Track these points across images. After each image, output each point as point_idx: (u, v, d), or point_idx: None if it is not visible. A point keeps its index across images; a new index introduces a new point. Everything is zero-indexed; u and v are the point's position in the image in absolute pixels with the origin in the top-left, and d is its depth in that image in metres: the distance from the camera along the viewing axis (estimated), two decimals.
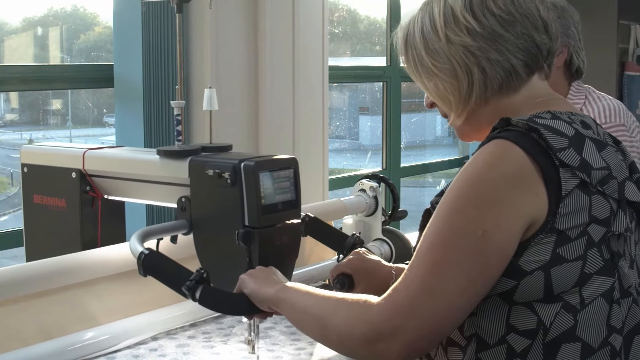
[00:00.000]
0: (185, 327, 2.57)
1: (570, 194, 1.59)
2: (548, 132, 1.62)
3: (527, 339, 1.63)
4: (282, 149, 3.77)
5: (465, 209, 1.58)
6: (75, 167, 2.58)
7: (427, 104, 1.93)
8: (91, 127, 6.98)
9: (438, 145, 11.18)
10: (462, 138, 1.91)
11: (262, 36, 3.74)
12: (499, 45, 1.72)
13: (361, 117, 9.97)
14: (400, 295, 1.58)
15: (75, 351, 2.29)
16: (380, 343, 1.57)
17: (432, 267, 1.57)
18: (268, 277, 1.92)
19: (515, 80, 1.75)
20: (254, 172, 2.11)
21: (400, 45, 1.86)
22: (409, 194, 9.34)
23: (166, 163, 2.35)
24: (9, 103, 7.15)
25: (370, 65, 6.74)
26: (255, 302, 1.89)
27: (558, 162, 1.59)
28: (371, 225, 3.28)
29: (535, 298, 1.62)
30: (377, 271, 2.20)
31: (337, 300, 1.70)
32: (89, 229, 2.62)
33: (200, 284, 1.92)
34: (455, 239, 1.57)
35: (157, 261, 2.01)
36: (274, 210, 2.15)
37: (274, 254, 2.15)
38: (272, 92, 3.78)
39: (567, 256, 1.60)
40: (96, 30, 6.03)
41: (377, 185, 3.27)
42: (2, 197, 7.39)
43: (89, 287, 2.43)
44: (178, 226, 2.27)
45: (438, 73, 1.77)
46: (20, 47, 5.95)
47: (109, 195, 2.61)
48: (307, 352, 2.34)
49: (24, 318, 2.28)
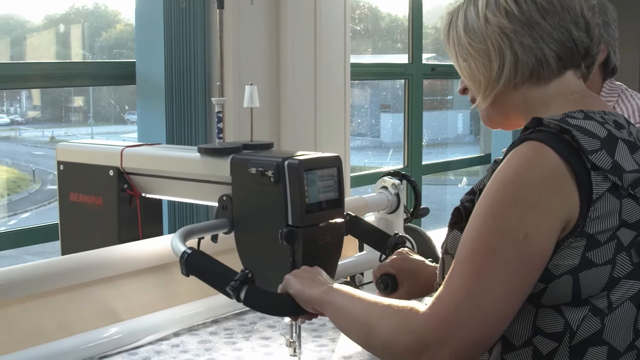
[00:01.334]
0: (207, 323, 2.57)
1: (601, 197, 1.57)
2: (580, 133, 1.60)
3: (554, 342, 1.62)
4: (303, 147, 3.76)
5: (503, 213, 1.56)
6: (113, 164, 2.59)
7: (460, 90, 1.93)
8: (113, 124, 6.99)
9: (460, 143, 11.14)
10: (487, 123, 1.90)
11: (284, 33, 3.74)
12: (533, 32, 1.71)
13: (382, 115, 9.94)
14: (444, 304, 1.56)
15: (97, 347, 2.29)
16: (426, 353, 1.55)
17: (475, 273, 1.55)
18: (314, 277, 1.91)
19: (546, 71, 1.74)
20: (297, 170, 2.09)
21: (444, 26, 1.86)
22: (431, 191, 9.31)
23: (207, 161, 2.34)
24: (31, 100, 7.17)
25: (392, 62, 6.73)
26: (300, 303, 1.88)
27: (590, 164, 1.57)
28: (393, 223, 3.27)
29: (563, 301, 1.60)
30: (421, 271, 2.18)
31: (383, 306, 1.67)
32: (126, 228, 2.63)
33: (245, 285, 1.90)
34: (497, 243, 1.55)
35: (200, 261, 1.99)
36: (317, 209, 2.14)
37: (318, 254, 2.14)
38: (294, 90, 3.78)
39: (596, 260, 1.58)
40: (118, 28, 6.04)
41: (399, 183, 3.26)
42: (24, 194, 7.41)
43: (111, 284, 2.43)
44: (219, 225, 2.26)
45: (473, 52, 1.77)
46: (42, 45, 5.96)
47: (147, 194, 2.61)
48: (328, 348, 2.34)
49: (46, 314, 2.29)
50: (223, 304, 2.56)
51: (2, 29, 5.56)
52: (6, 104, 7.02)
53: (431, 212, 3.48)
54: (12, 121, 7.05)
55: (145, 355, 2.32)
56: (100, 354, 2.29)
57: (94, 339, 2.30)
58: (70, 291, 2.34)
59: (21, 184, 7.37)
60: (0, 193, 7.16)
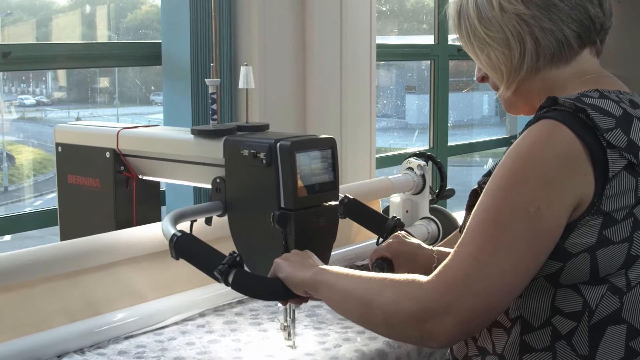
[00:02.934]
0: (233, 304, 2.57)
1: (617, 175, 1.57)
2: (595, 112, 1.60)
3: (573, 321, 1.62)
4: (329, 128, 3.76)
5: (516, 186, 1.57)
6: (109, 146, 2.58)
7: (478, 78, 1.92)
8: (138, 105, 7.01)
9: (485, 125, 11.11)
10: (509, 111, 1.89)
11: (309, 14, 3.74)
12: (552, 15, 1.70)
13: (408, 96, 9.93)
14: (452, 272, 1.56)
15: (122, 327, 2.30)
16: (430, 321, 1.55)
17: (484, 243, 1.55)
18: (304, 260, 1.90)
19: (567, 52, 1.73)
20: (290, 152, 2.04)
21: (453, 17, 1.85)
22: (456, 173, 9.29)
23: (200, 143, 2.32)
24: (56, 81, 7.20)
25: (417, 43, 6.70)
26: (291, 286, 1.87)
27: (605, 143, 1.57)
28: (418, 204, 3.26)
29: (581, 280, 1.60)
30: (418, 254, 2.18)
31: (381, 279, 1.68)
32: (123, 210, 2.62)
33: (233, 268, 1.89)
34: (508, 215, 1.56)
35: (189, 244, 1.99)
36: (311, 192, 2.09)
37: (311, 237, 2.09)
38: (319, 71, 3.77)
39: (613, 238, 1.58)
40: (143, 9, 6.05)
41: (425, 164, 3.25)
42: (50, 175, 7.44)
43: (136, 264, 2.44)
44: (212, 208, 2.23)
45: (491, 42, 1.75)
46: (68, 26, 5.98)
47: (143, 176, 2.60)
48: (354, 330, 2.34)
49: (72, 294, 2.29)
50: None
51: (28, 10, 5.58)
52: (32, 85, 7.06)
53: (456, 193, 3.47)
54: (38, 102, 7.08)
55: (171, 335, 2.32)
56: (126, 334, 2.30)
57: (121, 318, 2.31)
58: (96, 271, 2.34)
59: (47, 165, 7.41)
60: (26, 174, 7.19)
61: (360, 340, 2.26)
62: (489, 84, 1.90)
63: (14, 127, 6.97)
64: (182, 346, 2.24)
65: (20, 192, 7.07)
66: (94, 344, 2.24)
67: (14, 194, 7.00)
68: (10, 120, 6.77)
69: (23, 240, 4.54)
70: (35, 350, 2.12)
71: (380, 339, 2.24)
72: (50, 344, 2.16)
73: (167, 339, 2.30)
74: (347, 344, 2.24)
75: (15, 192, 7.03)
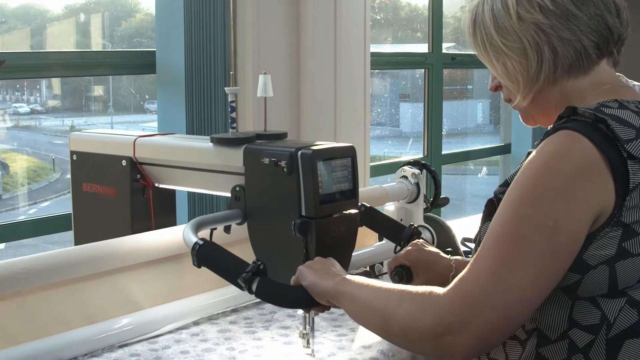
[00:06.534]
0: (227, 313, 2.57)
1: (638, 186, 1.56)
2: (615, 122, 1.59)
3: (590, 335, 1.60)
4: (323, 136, 3.76)
5: (534, 200, 1.55)
6: (126, 154, 2.59)
7: (492, 87, 1.90)
8: (132, 113, 7.00)
9: (479, 133, 11.10)
10: (526, 122, 1.88)
11: (304, 23, 3.74)
12: (571, 25, 1.69)
13: (402, 104, 9.92)
14: (469, 287, 1.54)
15: (117, 335, 2.29)
16: (447, 337, 1.53)
17: (502, 258, 1.53)
18: (327, 269, 1.89)
19: (585, 62, 1.72)
20: (311, 160, 2.06)
21: (469, 25, 1.83)
22: (450, 181, 9.30)
23: (220, 151, 2.32)
24: (51, 89, 7.18)
25: (411, 51, 6.71)
26: (314, 294, 1.87)
27: (626, 154, 1.56)
28: (413, 212, 3.26)
29: (600, 293, 1.59)
30: (436, 263, 2.17)
31: (400, 292, 1.66)
32: (139, 218, 2.62)
33: (257, 276, 1.89)
34: (526, 229, 1.54)
35: (212, 252, 1.98)
36: (331, 200, 2.10)
37: (331, 245, 2.11)
38: (313, 79, 3.77)
39: (633, 250, 1.57)
40: (137, 17, 6.04)
41: (419, 172, 3.25)
42: (44, 183, 7.43)
43: (130, 272, 2.43)
44: (232, 216, 2.24)
45: (507, 52, 1.74)
46: (62, 34, 5.97)
47: (159, 184, 2.60)
48: (348, 338, 2.34)
49: (67, 302, 2.29)
50: (243, 293, 2.54)
51: (22, 18, 5.58)
52: (26, 93, 7.04)
53: (451, 201, 3.47)
54: (32, 110, 7.06)
55: (165, 344, 2.32)
56: (120, 342, 2.29)
57: (115, 327, 2.30)
58: (90, 280, 2.34)
59: (41, 173, 7.40)
60: (20, 182, 7.18)
61: (355, 349, 2.26)
62: (502, 96, 1.89)
63: (8, 136, 6.95)
64: (177, 355, 2.24)
65: (15, 201, 7.05)
66: (88, 352, 2.23)
67: (8, 202, 6.98)
68: (4, 128, 6.75)
69: (17, 248, 4.54)
70: (30, 358, 2.12)
71: (375, 348, 2.24)
72: (44, 352, 2.15)
73: (162, 347, 2.29)
74: (342, 352, 2.24)
75: (9, 201, 7.01)
